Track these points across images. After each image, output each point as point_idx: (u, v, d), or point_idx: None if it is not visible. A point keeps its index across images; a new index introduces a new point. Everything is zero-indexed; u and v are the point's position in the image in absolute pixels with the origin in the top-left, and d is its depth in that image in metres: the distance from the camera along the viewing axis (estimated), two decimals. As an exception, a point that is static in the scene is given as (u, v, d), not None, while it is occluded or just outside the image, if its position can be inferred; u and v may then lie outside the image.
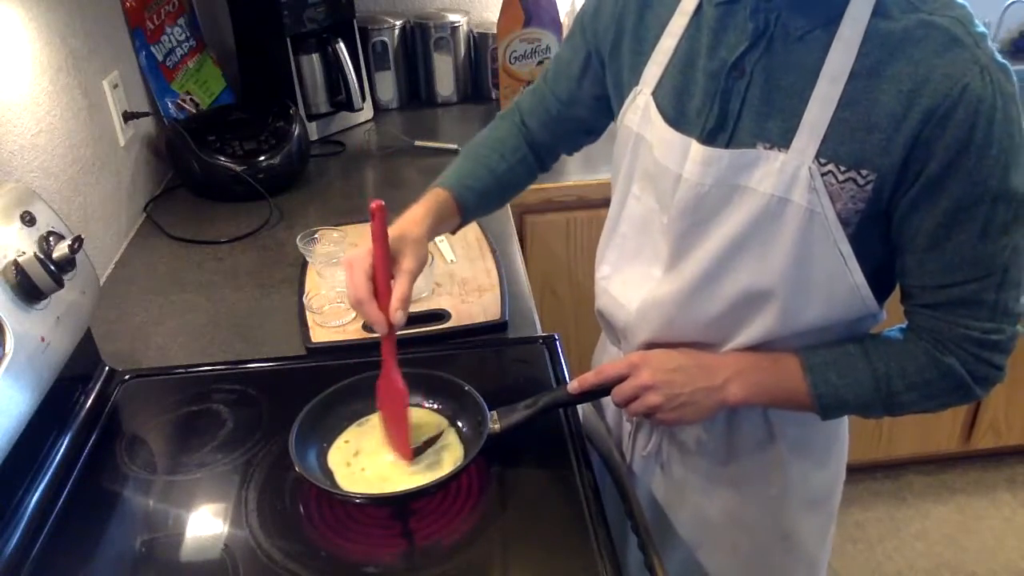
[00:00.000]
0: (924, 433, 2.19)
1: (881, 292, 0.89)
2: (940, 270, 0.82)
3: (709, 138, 0.87)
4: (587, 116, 1.08)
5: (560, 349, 1.18)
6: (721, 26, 0.86)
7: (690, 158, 0.87)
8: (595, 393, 0.98)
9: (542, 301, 1.76)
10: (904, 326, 0.90)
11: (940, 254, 0.81)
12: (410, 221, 0.98)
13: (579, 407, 1.06)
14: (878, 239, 0.85)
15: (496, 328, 1.23)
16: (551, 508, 0.92)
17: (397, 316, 0.90)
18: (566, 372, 1.13)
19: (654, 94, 0.93)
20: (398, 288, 0.91)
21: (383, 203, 0.88)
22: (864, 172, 0.79)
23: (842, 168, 0.80)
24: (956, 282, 0.82)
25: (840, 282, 0.85)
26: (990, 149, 0.75)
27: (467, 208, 1.06)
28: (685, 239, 0.91)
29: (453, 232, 1.10)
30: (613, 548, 0.86)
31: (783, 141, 0.82)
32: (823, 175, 0.81)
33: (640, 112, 0.95)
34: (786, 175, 0.82)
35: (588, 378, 0.97)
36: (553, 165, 1.18)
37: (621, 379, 0.95)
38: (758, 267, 0.86)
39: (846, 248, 0.83)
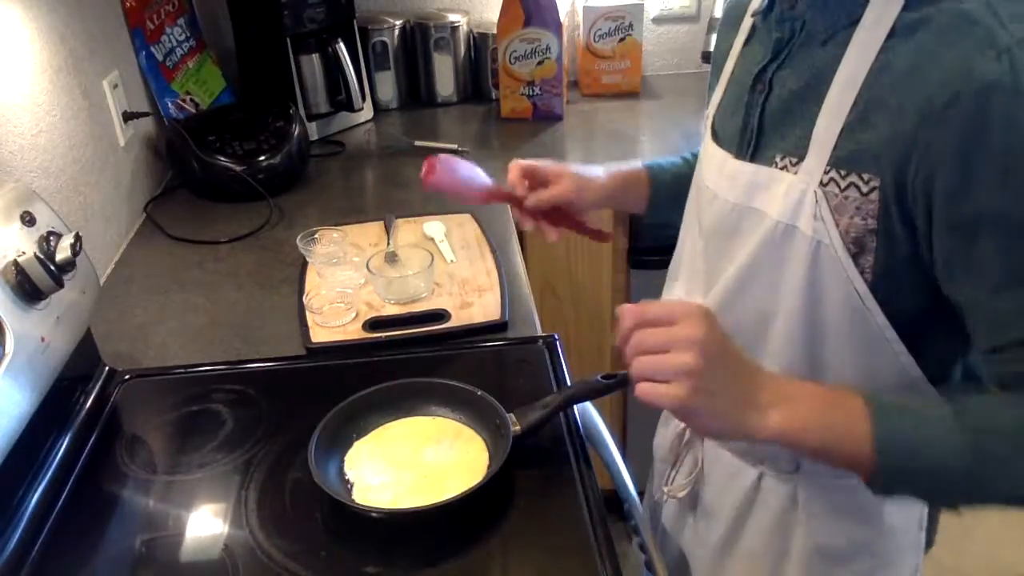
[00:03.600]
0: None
1: (929, 363, 0.75)
2: (1016, 306, 0.66)
3: (739, 153, 0.85)
4: None
5: (560, 349, 1.18)
6: (758, 39, 0.85)
7: (722, 173, 0.86)
8: (613, 386, 0.98)
9: (542, 301, 1.75)
10: (979, 378, 0.76)
11: (1010, 285, 0.65)
12: (604, 172, 1.08)
13: (580, 407, 1.06)
14: (908, 288, 0.73)
15: (496, 328, 1.23)
16: (551, 508, 0.92)
17: (518, 188, 1.06)
18: (566, 372, 1.13)
19: (712, 116, 0.93)
20: (543, 192, 1.05)
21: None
22: (865, 176, 0.70)
23: (842, 172, 0.71)
24: None
25: (860, 326, 0.74)
26: (1016, 144, 0.61)
27: (657, 186, 1.09)
28: (713, 261, 0.88)
29: (643, 217, 1.14)
30: (613, 548, 0.86)
31: (796, 152, 0.76)
32: (827, 184, 0.72)
33: (704, 136, 0.94)
34: (792, 199, 0.75)
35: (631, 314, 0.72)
36: None
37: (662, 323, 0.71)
38: (770, 296, 0.80)
39: (861, 287, 0.73)
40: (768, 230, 0.78)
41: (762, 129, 0.81)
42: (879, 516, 0.87)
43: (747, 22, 0.88)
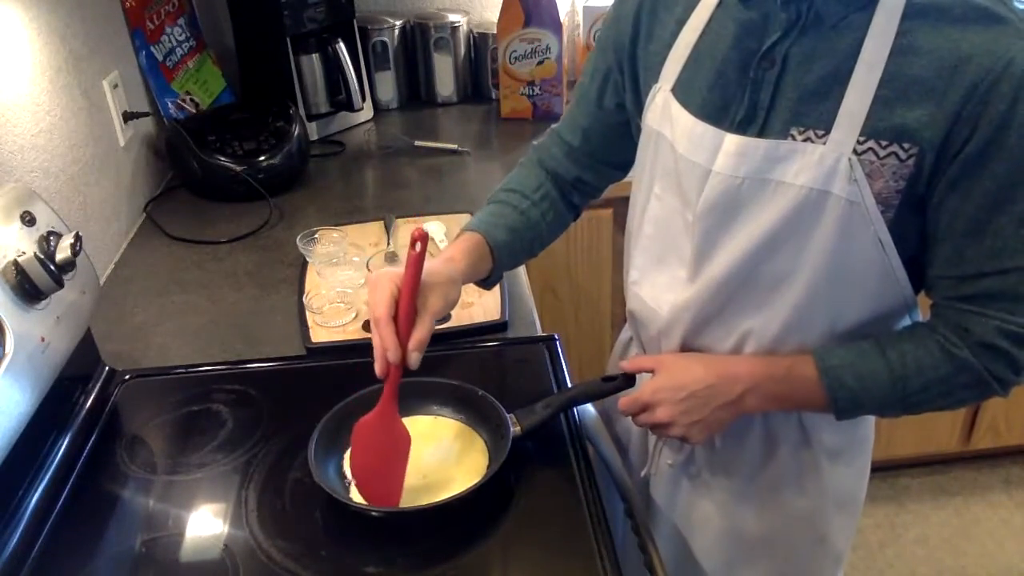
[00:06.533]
0: (924, 433, 2.18)
1: (915, 285, 0.89)
2: (978, 258, 0.80)
3: (739, 129, 0.85)
4: (611, 141, 1.05)
5: (560, 349, 1.18)
6: (748, 16, 0.85)
7: (723, 150, 0.85)
8: (614, 388, 1.00)
9: (542, 301, 1.76)
10: (923, 321, 0.89)
11: (979, 240, 0.80)
12: (445, 259, 0.96)
13: (580, 409, 1.06)
14: (915, 230, 0.84)
15: (496, 328, 1.23)
16: (551, 508, 0.92)
17: (412, 358, 0.87)
18: (566, 372, 1.13)
19: (674, 90, 0.91)
20: (419, 329, 0.87)
21: (426, 232, 0.87)
22: (906, 146, 0.78)
23: (883, 143, 0.79)
24: (994, 271, 0.80)
25: (878, 269, 0.84)
26: None
27: (498, 247, 1.02)
28: (710, 237, 0.89)
29: (487, 284, 1.05)
30: (613, 548, 0.87)
31: (820, 124, 0.81)
32: (862, 153, 0.79)
33: (659, 110, 0.93)
34: (825, 167, 0.80)
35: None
36: (585, 204, 1.14)
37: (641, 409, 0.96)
38: (794, 260, 0.85)
39: (885, 236, 0.82)
40: (797, 198, 0.82)
41: (771, 105, 0.83)
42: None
43: None
